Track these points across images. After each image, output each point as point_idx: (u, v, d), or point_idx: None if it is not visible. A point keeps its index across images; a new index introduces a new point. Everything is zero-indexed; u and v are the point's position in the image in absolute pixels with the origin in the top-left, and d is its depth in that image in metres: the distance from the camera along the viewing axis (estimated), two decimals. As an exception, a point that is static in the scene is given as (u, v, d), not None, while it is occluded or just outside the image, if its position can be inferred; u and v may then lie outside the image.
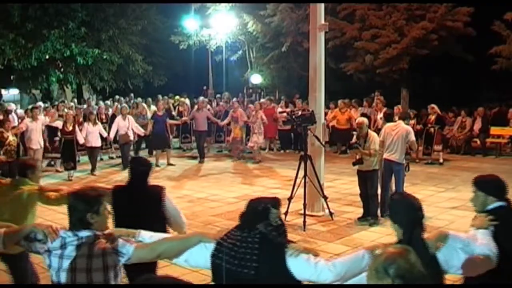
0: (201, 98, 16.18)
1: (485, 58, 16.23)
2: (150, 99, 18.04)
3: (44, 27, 17.57)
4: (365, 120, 8.25)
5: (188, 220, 4.68)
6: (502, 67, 16.11)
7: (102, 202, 2.89)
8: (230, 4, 21.44)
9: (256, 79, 21.90)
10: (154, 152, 13.68)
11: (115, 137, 13.12)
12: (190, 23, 23.46)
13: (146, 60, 21.75)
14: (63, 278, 2.73)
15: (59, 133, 12.27)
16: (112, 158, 14.62)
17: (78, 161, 12.47)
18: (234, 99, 18.53)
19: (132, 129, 13.09)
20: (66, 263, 2.72)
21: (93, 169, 12.40)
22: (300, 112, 8.18)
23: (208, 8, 22.27)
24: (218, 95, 20.49)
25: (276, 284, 2.70)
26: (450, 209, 8.62)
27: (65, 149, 11.96)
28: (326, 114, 13.75)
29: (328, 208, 8.20)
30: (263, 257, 2.67)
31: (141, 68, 21.08)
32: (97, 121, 12.81)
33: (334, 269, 2.71)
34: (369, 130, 8.08)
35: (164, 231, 4.12)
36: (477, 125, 14.78)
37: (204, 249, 2.83)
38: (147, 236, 3.03)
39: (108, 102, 17.25)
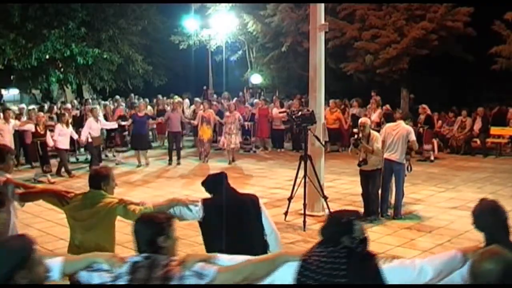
0: (178, 99, 16.42)
1: (485, 58, 16.22)
2: (147, 100, 18.08)
3: (44, 27, 17.57)
4: (368, 120, 8.28)
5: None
6: (502, 67, 16.10)
7: (172, 225, 2.80)
8: (230, 4, 21.44)
9: (256, 79, 21.90)
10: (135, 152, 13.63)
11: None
12: (190, 23, 23.47)
13: (146, 60, 21.75)
14: None
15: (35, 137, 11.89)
16: (77, 159, 14.42)
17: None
18: (235, 99, 18.59)
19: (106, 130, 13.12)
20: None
21: (68, 172, 12.11)
22: (300, 112, 8.18)
23: (208, 8, 22.27)
24: (216, 95, 20.55)
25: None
26: (450, 209, 8.62)
27: (41, 152, 11.62)
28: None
29: (328, 208, 8.19)
30: (352, 271, 2.60)
31: (141, 68, 21.08)
32: (69, 123, 12.56)
33: (432, 265, 2.69)
34: (371, 130, 8.11)
35: (264, 249, 3.87)
36: (477, 125, 14.78)
37: (290, 268, 2.73)
38: (226, 259, 2.87)
39: (108, 102, 17.30)
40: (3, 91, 26.30)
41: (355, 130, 8.31)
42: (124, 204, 3.84)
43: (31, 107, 16.95)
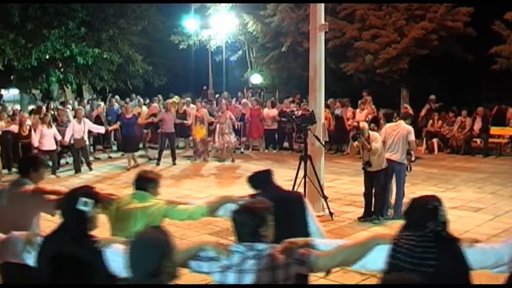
0: (170, 100, 16.25)
1: (485, 58, 16.22)
2: (141, 100, 17.96)
3: (44, 27, 17.55)
4: (365, 124, 8.32)
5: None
6: (502, 67, 16.11)
7: (270, 214, 2.85)
8: (230, 4, 21.44)
9: (256, 79, 21.90)
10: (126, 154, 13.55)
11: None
12: (190, 23, 23.46)
13: (146, 60, 21.73)
14: None
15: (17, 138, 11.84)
16: (67, 163, 14.02)
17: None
18: (234, 99, 18.59)
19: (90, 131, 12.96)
20: (249, 278, 2.68)
21: (53, 172, 11.98)
22: (300, 112, 8.19)
23: (208, 8, 22.26)
24: (217, 95, 20.54)
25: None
26: (450, 209, 8.58)
27: (23, 154, 11.34)
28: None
29: (328, 208, 8.20)
30: (441, 254, 2.72)
31: (141, 68, 21.06)
32: (51, 123, 12.25)
33: (507, 250, 2.77)
34: (369, 131, 8.12)
35: None
36: (477, 125, 14.79)
37: (381, 251, 2.82)
38: (321, 244, 2.98)
39: (101, 103, 17.30)
40: (3, 91, 26.31)
41: (356, 124, 8.35)
42: (173, 205, 3.85)
43: (31, 107, 16.99)
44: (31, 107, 17.07)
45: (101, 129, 13.50)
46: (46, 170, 4.51)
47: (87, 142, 12.81)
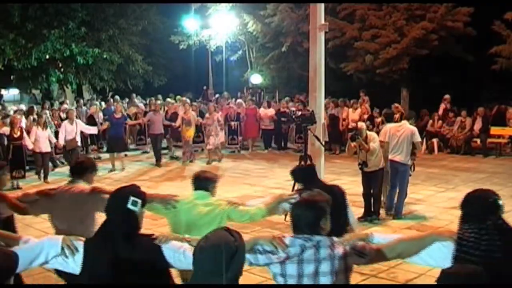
0: (157, 101, 16.15)
1: (485, 58, 16.22)
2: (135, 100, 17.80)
3: (44, 27, 17.57)
4: (363, 124, 8.34)
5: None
6: (502, 67, 16.11)
7: (329, 206, 2.91)
8: (230, 4, 21.44)
9: (256, 79, 21.90)
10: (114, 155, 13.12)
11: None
12: (190, 23, 23.46)
13: (146, 60, 21.75)
14: (306, 282, 2.74)
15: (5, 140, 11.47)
16: (62, 163, 13.59)
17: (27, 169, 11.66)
18: (233, 99, 18.56)
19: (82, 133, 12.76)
20: (309, 268, 2.74)
21: (45, 176, 11.66)
22: (300, 112, 8.19)
23: (208, 8, 22.27)
24: (217, 95, 20.54)
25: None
26: (450, 209, 8.61)
27: (14, 156, 11.06)
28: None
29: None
30: (505, 246, 2.77)
31: (141, 68, 21.09)
32: (46, 125, 11.96)
33: None
34: (367, 132, 8.13)
35: None
36: (477, 125, 14.78)
37: (442, 247, 2.88)
38: (381, 237, 3.06)
39: (97, 102, 17.26)
40: (3, 91, 26.32)
41: (358, 124, 8.40)
42: (236, 206, 3.88)
43: (36, 106, 16.95)
44: (39, 106, 17.00)
45: (93, 130, 13.31)
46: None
47: (79, 144, 12.54)
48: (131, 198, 2.78)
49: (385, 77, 17.85)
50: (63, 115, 14.23)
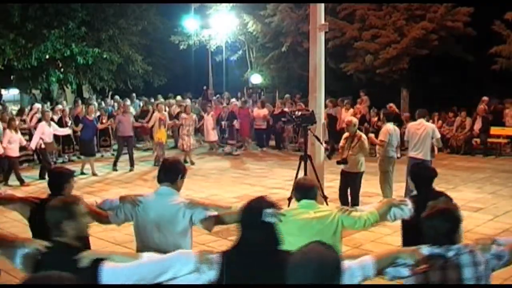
0: (128, 101, 15.91)
1: (485, 58, 16.23)
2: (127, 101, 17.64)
3: (44, 27, 17.55)
4: (353, 119, 8.30)
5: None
6: (502, 67, 16.12)
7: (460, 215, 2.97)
8: (230, 4, 21.44)
9: (256, 79, 21.90)
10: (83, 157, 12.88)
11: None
12: (190, 23, 23.46)
13: (146, 60, 21.74)
14: None
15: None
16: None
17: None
18: (234, 99, 18.56)
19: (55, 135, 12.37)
20: (453, 275, 2.79)
21: (20, 180, 11.08)
22: (300, 112, 8.17)
23: (208, 8, 22.27)
24: (217, 95, 20.53)
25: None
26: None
27: None
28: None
29: (328, 208, 8.18)
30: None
31: (141, 68, 21.07)
32: (17, 128, 11.42)
33: None
34: (360, 133, 8.07)
35: None
36: (477, 125, 14.79)
37: None
38: (502, 240, 3.08)
39: (93, 103, 17.20)
40: (3, 91, 26.29)
41: (347, 119, 8.45)
42: (347, 213, 3.71)
43: (37, 106, 16.92)
44: (37, 105, 16.93)
45: (66, 131, 12.91)
46: None
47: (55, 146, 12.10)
48: (267, 210, 2.68)
49: (385, 77, 17.84)
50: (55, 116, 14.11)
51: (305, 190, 3.75)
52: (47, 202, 3.75)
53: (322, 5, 8.59)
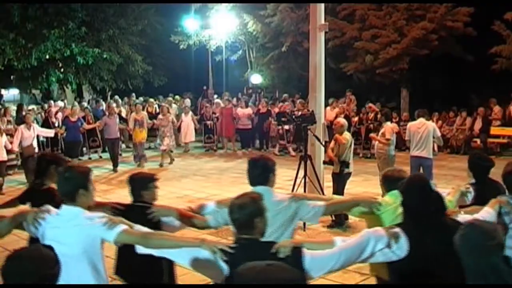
0: (113, 103, 15.76)
1: (485, 58, 16.23)
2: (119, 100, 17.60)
3: (44, 27, 17.54)
4: (341, 121, 8.30)
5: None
6: (502, 67, 16.13)
7: None
8: (230, 4, 21.44)
9: (256, 79, 21.90)
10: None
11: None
12: (190, 23, 23.46)
13: (146, 60, 21.74)
14: None
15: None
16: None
17: None
18: (234, 99, 18.57)
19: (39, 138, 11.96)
20: None
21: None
22: (300, 112, 8.18)
23: (208, 8, 22.27)
24: (216, 95, 20.56)
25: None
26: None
27: None
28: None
29: (328, 208, 8.17)
30: None
31: (141, 68, 21.07)
32: (1, 130, 10.95)
33: None
34: (345, 134, 8.03)
35: None
36: (477, 125, 14.79)
37: None
38: None
39: (88, 104, 17.23)
40: (3, 91, 26.31)
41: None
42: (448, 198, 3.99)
43: (30, 107, 16.95)
44: (31, 107, 16.96)
45: (50, 133, 12.52)
46: None
47: (36, 150, 11.51)
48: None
49: (385, 77, 17.85)
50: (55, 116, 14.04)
51: (394, 181, 3.82)
52: (132, 208, 3.82)
53: (322, 5, 8.60)
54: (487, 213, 3.21)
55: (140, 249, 3.00)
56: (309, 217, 3.73)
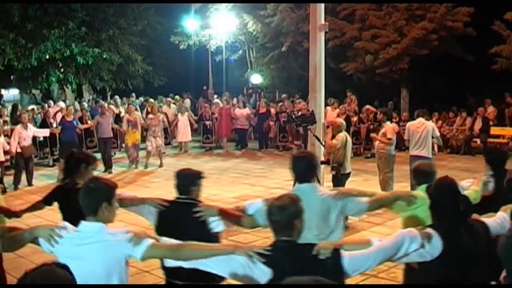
0: (103, 102, 15.66)
1: (485, 58, 16.23)
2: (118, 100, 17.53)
3: (44, 27, 17.54)
4: (339, 121, 8.30)
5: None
6: (502, 67, 16.12)
7: None
8: (230, 4, 21.45)
9: (256, 79, 21.90)
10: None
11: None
12: (190, 23, 23.47)
13: (146, 60, 21.74)
14: None
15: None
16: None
17: None
18: (234, 99, 18.57)
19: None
20: None
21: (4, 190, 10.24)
22: (300, 112, 8.19)
23: (208, 8, 22.28)
24: (216, 95, 20.57)
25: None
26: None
27: None
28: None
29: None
30: None
31: (141, 68, 21.08)
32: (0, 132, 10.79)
33: None
34: (341, 135, 8.03)
35: None
36: (477, 125, 14.80)
37: None
38: None
39: (85, 104, 17.21)
40: (3, 91, 26.30)
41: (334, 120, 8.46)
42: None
43: (30, 107, 16.93)
44: (31, 107, 16.93)
45: (45, 132, 12.35)
46: None
47: (34, 150, 11.40)
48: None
49: (385, 77, 17.85)
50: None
51: (425, 174, 3.99)
52: (177, 204, 3.70)
53: (322, 5, 8.59)
54: (502, 217, 3.25)
55: (169, 263, 2.94)
56: (353, 213, 3.81)
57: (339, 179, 7.96)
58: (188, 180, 3.85)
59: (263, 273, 2.63)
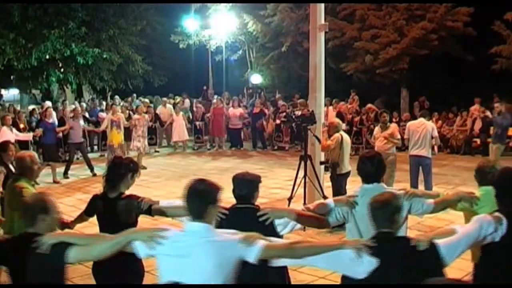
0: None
1: (485, 58, 16.24)
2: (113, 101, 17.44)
3: (44, 27, 17.54)
4: (336, 121, 8.29)
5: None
6: (502, 67, 16.13)
7: None
8: (230, 4, 21.45)
9: (256, 79, 21.90)
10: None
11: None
12: (190, 23, 23.47)
13: (146, 60, 21.74)
14: None
15: None
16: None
17: None
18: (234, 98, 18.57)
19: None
20: None
21: None
22: (299, 112, 8.19)
23: (208, 8, 22.28)
24: (216, 96, 20.56)
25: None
26: (450, 209, 8.61)
27: None
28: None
29: (328, 208, 8.16)
30: None
31: (141, 68, 21.07)
32: None
33: None
34: (338, 135, 8.00)
35: None
36: (477, 125, 14.79)
37: None
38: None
39: (76, 103, 17.18)
40: (3, 91, 26.29)
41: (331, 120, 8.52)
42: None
43: (30, 107, 16.94)
44: (31, 107, 16.93)
45: (27, 137, 12.05)
46: None
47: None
48: None
49: (385, 77, 17.85)
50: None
51: (486, 174, 4.24)
52: (238, 210, 3.63)
53: (322, 5, 8.59)
54: None
55: (278, 262, 2.99)
56: (418, 213, 3.92)
57: (335, 179, 7.94)
58: (251, 185, 3.85)
59: (370, 263, 2.84)
